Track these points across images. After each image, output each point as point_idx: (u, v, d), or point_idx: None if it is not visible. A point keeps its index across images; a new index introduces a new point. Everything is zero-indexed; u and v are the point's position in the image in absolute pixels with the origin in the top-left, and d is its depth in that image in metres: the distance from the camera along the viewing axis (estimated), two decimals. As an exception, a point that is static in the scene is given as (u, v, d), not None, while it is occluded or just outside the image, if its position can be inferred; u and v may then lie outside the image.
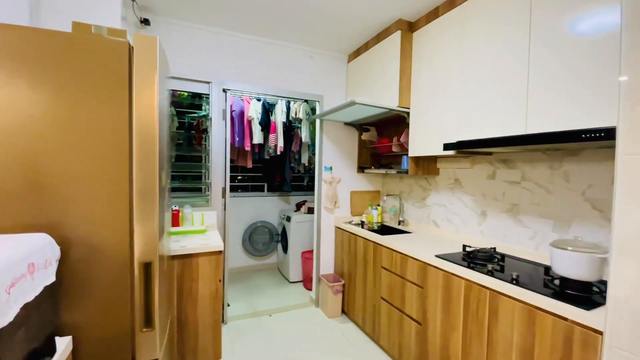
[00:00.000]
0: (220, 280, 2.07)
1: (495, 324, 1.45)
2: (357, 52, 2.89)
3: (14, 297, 0.63)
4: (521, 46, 1.57)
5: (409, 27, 2.35)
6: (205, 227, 2.42)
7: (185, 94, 2.93)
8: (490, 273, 1.54)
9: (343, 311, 2.89)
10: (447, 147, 1.88)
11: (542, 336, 1.25)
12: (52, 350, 0.81)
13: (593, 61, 1.29)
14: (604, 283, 1.34)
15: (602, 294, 1.28)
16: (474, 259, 1.76)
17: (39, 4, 1.55)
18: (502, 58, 1.67)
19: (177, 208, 2.37)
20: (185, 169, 3.18)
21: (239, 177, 4.13)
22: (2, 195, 0.87)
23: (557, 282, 1.41)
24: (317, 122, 2.97)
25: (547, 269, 1.52)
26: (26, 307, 0.70)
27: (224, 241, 2.66)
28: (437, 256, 1.83)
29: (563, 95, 1.39)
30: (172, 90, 2.67)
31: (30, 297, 0.70)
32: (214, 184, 2.59)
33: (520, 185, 1.88)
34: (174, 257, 1.93)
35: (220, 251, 2.05)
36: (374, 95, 2.62)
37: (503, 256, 1.75)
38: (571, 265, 1.31)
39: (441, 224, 2.47)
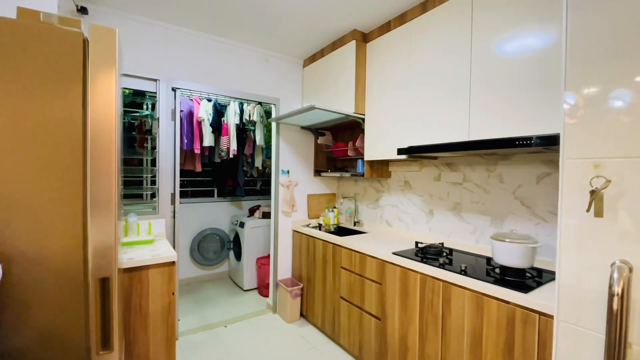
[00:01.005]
0: (173, 293, 1.93)
1: (449, 312, 1.59)
2: (313, 58, 2.94)
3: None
4: (463, 61, 1.77)
5: (363, 38, 2.48)
6: (152, 237, 2.23)
7: (127, 91, 2.67)
8: (442, 266, 1.70)
9: (302, 315, 2.89)
10: (400, 151, 2.02)
11: (489, 319, 1.41)
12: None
13: (525, 76, 1.51)
14: (534, 269, 1.57)
15: (534, 278, 1.49)
16: (426, 254, 1.91)
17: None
18: (446, 70, 1.86)
19: (120, 217, 2.15)
20: (127, 174, 2.90)
21: (185, 182, 3.89)
22: None
23: (497, 270, 1.60)
24: (274, 125, 2.95)
25: (489, 260, 1.73)
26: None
27: (175, 251, 2.48)
28: (394, 253, 1.95)
29: (501, 106, 1.60)
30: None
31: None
32: (162, 190, 2.41)
33: (462, 186, 2.10)
34: (119, 271, 1.74)
35: (173, 262, 1.91)
36: (330, 101, 2.69)
37: (451, 250, 1.93)
38: (509, 255, 1.51)
39: (393, 223, 2.63)
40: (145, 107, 2.81)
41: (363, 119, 2.50)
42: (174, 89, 2.44)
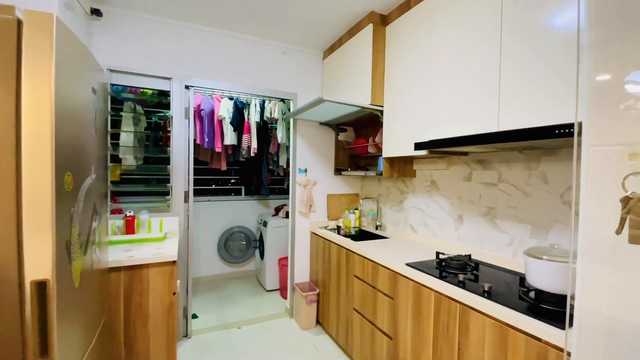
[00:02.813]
0: (174, 293, 1.89)
1: (466, 342, 1.30)
2: (332, 49, 2.75)
3: None
4: (492, 39, 1.44)
5: (382, 21, 2.22)
6: (164, 235, 2.24)
7: (150, 91, 2.75)
8: (462, 284, 1.40)
9: (318, 322, 2.72)
10: (418, 146, 1.74)
11: (515, 359, 1.10)
12: None
13: (568, 56, 1.16)
14: (583, 296, 1.21)
15: (581, 308, 1.14)
16: (446, 267, 1.61)
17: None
18: (473, 51, 1.54)
19: (131, 214, 2.19)
20: (150, 172, 3.00)
21: (199, 179, 3.95)
22: None
23: (532, 294, 1.26)
24: (291, 121, 2.82)
25: (523, 279, 1.38)
26: None
27: (188, 249, 2.48)
28: (408, 265, 1.68)
29: (537, 90, 1.26)
30: (134, 87, 2.50)
31: None
32: (175, 188, 2.41)
33: (496, 188, 1.75)
34: (120, 269, 1.75)
35: (174, 261, 1.87)
36: (348, 92, 2.48)
37: (477, 264, 1.61)
38: (546, 276, 1.17)
39: (418, 229, 2.32)
40: (170, 107, 2.88)
41: (381, 111, 2.24)
42: (187, 87, 2.43)
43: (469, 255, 1.70)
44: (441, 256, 1.73)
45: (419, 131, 1.90)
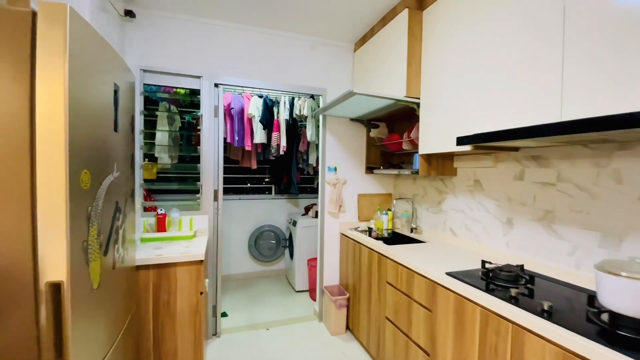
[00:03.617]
0: (201, 293, 1.87)
1: (520, 369, 1.11)
2: (364, 39, 2.60)
3: None
4: (553, 14, 1.22)
5: (418, 5, 2.04)
6: (193, 233, 2.24)
7: (183, 91, 2.78)
8: (514, 300, 1.20)
9: (348, 328, 2.60)
10: (461, 141, 1.54)
11: (586, 397, 0.91)
12: None
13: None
14: (677, 324, 0.97)
15: (676, 341, 0.91)
16: (494, 279, 1.41)
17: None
18: (529, 29, 1.33)
19: (163, 212, 2.21)
20: (183, 170, 3.06)
21: (231, 177, 3.96)
22: None
23: (604, 317, 1.05)
24: (320, 118, 2.71)
25: (592, 298, 1.16)
26: None
27: (217, 248, 2.47)
28: (448, 274, 1.50)
29: (610, 72, 1.03)
30: (167, 87, 2.54)
31: None
32: (205, 186, 2.41)
33: (555, 188, 1.51)
34: (148, 267, 1.75)
35: (201, 260, 1.85)
36: (381, 85, 2.32)
37: (532, 277, 1.39)
38: (626, 297, 0.95)
39: (459, 233, 2.11)
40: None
41: (418, 104, 2.06)
42: (216, 85, 2.42)
43: (522, 266, 1.48)
44: (488, 265, 1.53)
45: (461, 125, 1.71)
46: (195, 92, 2.61)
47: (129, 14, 2.08)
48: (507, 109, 1.42)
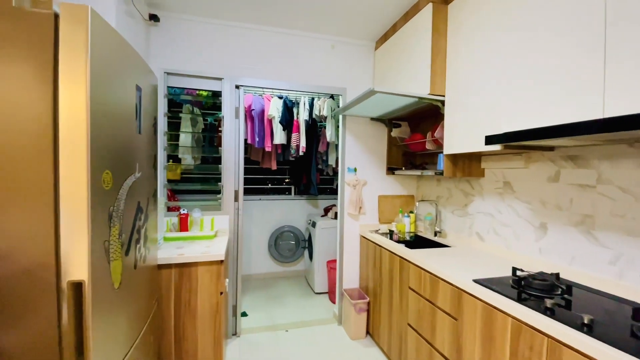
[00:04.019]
0: (221, 293, 1.88)
1: (557, 388, 1.02)
2: (385, 37, 2.54)
3: None
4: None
5: (443, -1, 1.95)
6: (214, 233, 2.26)
7: (205, 93, 2.83)
8: (550, 312, 1.11)
9: (368, 333, 2.53)
10: (490, 140, 1.45)
11: None
12: None
13: None
14: None
15: None
16: (527, 287, 1.32)
17: None
18: (567, 16, 1.23)
19: (185, 212, 2.25)
20: (205, 171, 3.11)
21: (251, 178, 3.99)
22: None
23: (658, 335, 0.94)
24: (340, 118, 2.67)
25: (638, 311, 1.05)
26: None
27: (237, 248, 2.49)
28: (476, 281, 1.42)
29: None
30: (190, 89, 2.59)
31: None
32: (226, 187, 2.43)
33: (595, 190, 1.39)
34: (170, 266, 1.78)
35: (221, 261, 1.86)
36: (404, 83, 2.25)
37: (570, 286, 1.28)
38: (685, 315, 0.85)
39: (487, 238, 2.00)
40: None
41: (442, 102, 1.97)
42: (237, 87, 2.43)
43: (557, 274, 1.37)
44: (519, 273, 1.43)
45: (489, 123, 1.61)
46: (217, 94, 2.65)
47: (154, 18, 2.13)
48: (541, 105, 1.32)
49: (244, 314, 2.86)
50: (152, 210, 1.48)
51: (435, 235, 2.40)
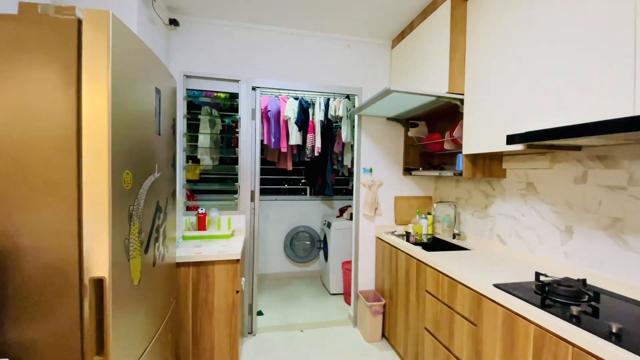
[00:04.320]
0: (237, 292, 1.90)
1: (584, 401, 0.96)
2: (402, 35, 2.50)
3: None
4: (627, -15, 1.06)
5: (462, -5, 1.90)
6: (231, 232, 2.30)
7: (223, 95, 2.89)
8: (576, 319, 1.05)
9: (384, 335, 2.50)
10: (511, 140, 1.40)
11: None
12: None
13: None
14: None
15: None
16: (551, 293, 1.26)
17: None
18: (597, 13, 1.16)
19: (203, 211, 2.30)
20: (223, 172, 3.17)
21: (267, 178, 4.01)
22: None
23: (698, 349, 0.87)
24: (356, 118, 2.65)
25: (678, 323, 0.98)
26: None
27: (253, 247, 2.52)
28: (496, 286, 1.37)
29: None
30: (208, 91, 2.64)
31: None
32: (242, 187, 2.46)
33: (626, 192, 1.31)
34: (188, 264, 1.82)
35: (237, 260, 1.88)
36: (420, 81, 2.21)
37: (597, 293, 1.21)
38: None
39: (508, 241, 1.93)
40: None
41: (461, 100, 1.92)
42: (253, 88, 2.46)
43: (584, 280, 1.30)
44: (543, 278, 1.37)
45: (511, 121, 1.56)
46: (234, 96, 2.69)
47: (173, 22, 2.19)
48: (567, 103, 1.26)
49: (259, 313, 2.89)
50: (171, 210, 1.51)
51: (454, 237, 2.34)
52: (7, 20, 0.83)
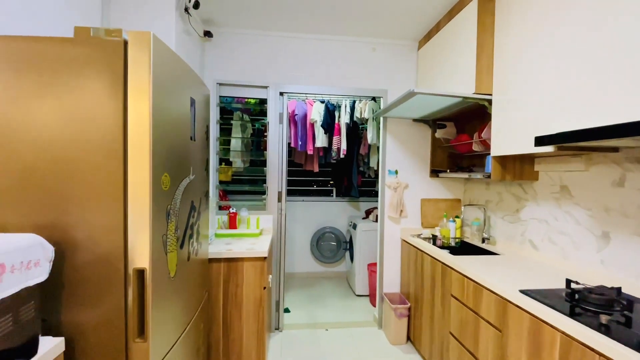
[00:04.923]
0: (264, 288, 2.00)
1: (613, 414, 0.92)
2: (428, 36, 2.47)
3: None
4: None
5: (490, -7, 1.86)
6: (259, 231, 2.41)
7: (253, 100, 3.03)
8: (604, 328, 1.01)
9: (409, 339, 2.48)
10: (540, 141, 1.36)
11: None
12: (31, 351, 0.81)
13: None
14: None
15: None
16: (581, 302, 1.20)
17: (109, 24, 1.77)
18: (626, 4, 1.11)
19: (234, 211, 2.43)
20: (252, 173, 3.31)
21: (294, 180, 4.10)
22: (3, 195, 0.94)
23: None
24: (381, 120, 2.66)
25: None
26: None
27: (281, 246, 2.61)
28: (522, 292, 1.33)
29: None
30: (239, 97, 2.79)
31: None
32: (270, 188, 2.57)
33: (671, 197, 1.22)
34: (220, 260, 1.94)
35: (264, 257, 1.98)
36: (448, 82, 2.18)
37: (631, 302, 1.14)
38: None
39: (541, 246, 1.85)
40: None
41: (489, 101, 1.87)
42: (281, 94, 2.56)
43: (619, 289, 1.23)
44: (574, 285, 1.31)
45: (541, 122, 1.50)
46: (263, 101, 2.82)
47: (207, 34, 2.35)
48: (601, 103, 1.21)
49: (286, 310, 2.98)
50: (204, 209, 1.64)
51: (483, 241, 2.28)
52: (65, 42, 0.97)
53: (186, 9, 1.93)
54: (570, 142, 1.21)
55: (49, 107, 0.95)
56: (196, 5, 1.86)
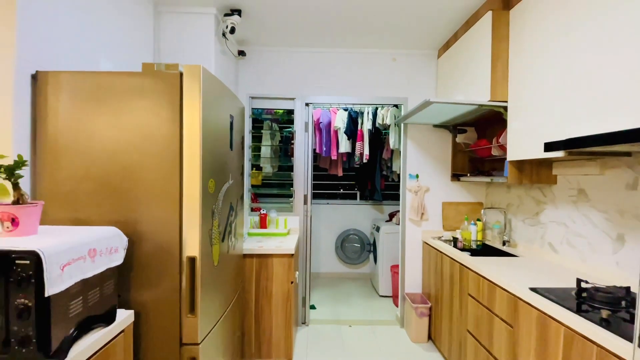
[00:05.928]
0: (291, 282, 2.19)
1: (609, 400, 1.00)
2: (447, 45, 2.57)
3: (68, 274, 0.85)
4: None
5: (504, 5, 1.94)
6: (287, 231, 2.61)
7: (281, 111, 3.26)
8: (605, 322, 1.09)
9: (430, 337, 2.56)
10: (549, 147, 1.44)
11: None
12: (111, 319, 1.04)
13: None
14: None
15: None
16: (588, 299, 1.27)
17: (160, 55, 2.06)
18: None
19: (264, 212, 2.65)
20: (281, 178, 3.54)
21: (319, 184, 4.26)
22: (89, 196, 1.19)
23: None
24: (402, 126, 2.78)
25: None
26: (86, 282, 0.93)
27: (307, 246, 2.80)
28: (532, 289, 1.41)
29: None
30: (269, 109, 3.03)
31: (88, 275, 0.93)
32: (297, 192, 2.77)
33: (682, 200, 1.26)
34: (252, 256, 2.15)
35: (292, 254, 2.17)
36: (464, 90, 2.27)
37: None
38: None
39: (560, 249, 1.89)
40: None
41: (505, 107, 1.95)
42: (307, 104, 2.76)
43: (627, 288, 1.28)
44: (583, 284, 1.37)
45: (554, 127, 1.57)
46: (290, 112, 3.04)
47: (241, 53, 2.61)
48: (612, 109, 1.28)
49: (312, 307, 3.16)
50: (240, 210, 1.86)
51: (504, 244, 2.32)
52: (135, 76, 1.21)
53: (223, 34, 2.19)
54: (578, 148, 1.28)
55: (122, 126, 1.20)
56: (232, 31, 2.11)
